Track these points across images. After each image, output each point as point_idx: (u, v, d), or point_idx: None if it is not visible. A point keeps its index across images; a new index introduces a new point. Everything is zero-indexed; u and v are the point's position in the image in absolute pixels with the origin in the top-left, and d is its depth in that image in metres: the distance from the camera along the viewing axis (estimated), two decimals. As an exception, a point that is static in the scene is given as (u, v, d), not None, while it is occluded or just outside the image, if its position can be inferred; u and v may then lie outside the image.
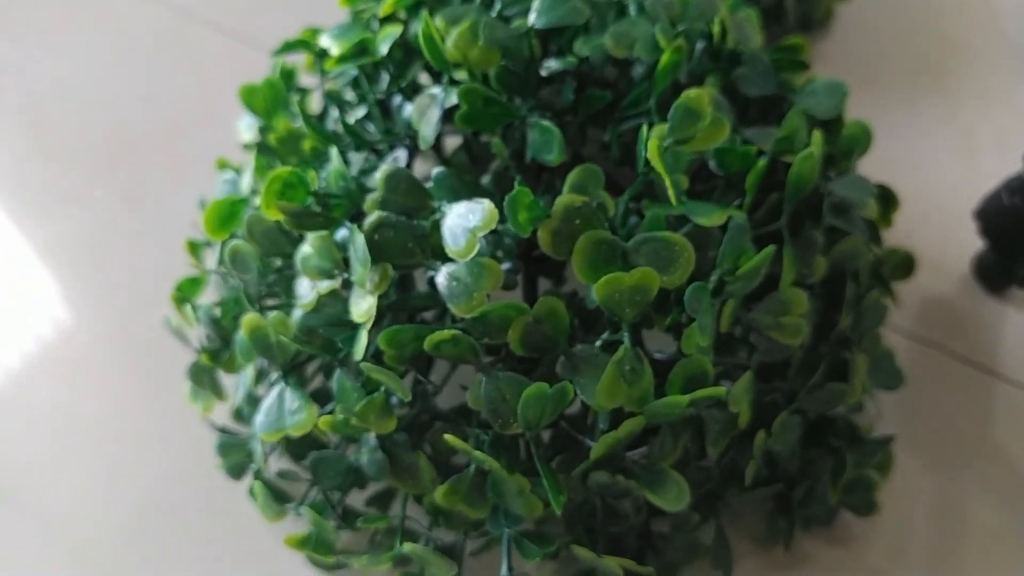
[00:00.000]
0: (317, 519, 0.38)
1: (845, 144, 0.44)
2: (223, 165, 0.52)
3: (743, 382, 0.37)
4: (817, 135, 0.39)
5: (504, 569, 0.38)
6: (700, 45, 0.43)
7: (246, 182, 0.46)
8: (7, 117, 0.66)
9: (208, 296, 0.50)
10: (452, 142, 0.47)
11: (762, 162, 0.37)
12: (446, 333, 0.33)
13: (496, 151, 0.39)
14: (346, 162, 0.42)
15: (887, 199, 0.45)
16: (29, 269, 0.58)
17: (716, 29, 0.40)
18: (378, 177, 0.36)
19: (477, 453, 0.34)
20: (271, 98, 0.48)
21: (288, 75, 0.49)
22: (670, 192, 0.34)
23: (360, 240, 0.34)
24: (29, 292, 0.57)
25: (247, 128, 0.50)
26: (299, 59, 0.51)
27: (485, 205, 0.34)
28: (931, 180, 0.60)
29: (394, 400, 0.39)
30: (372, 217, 0.35)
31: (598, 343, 0.36)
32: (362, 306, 0.35)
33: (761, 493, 0.40)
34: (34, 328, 0.55)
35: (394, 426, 0.36)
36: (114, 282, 0.57)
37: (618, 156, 0.39)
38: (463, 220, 0.34)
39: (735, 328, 0.40)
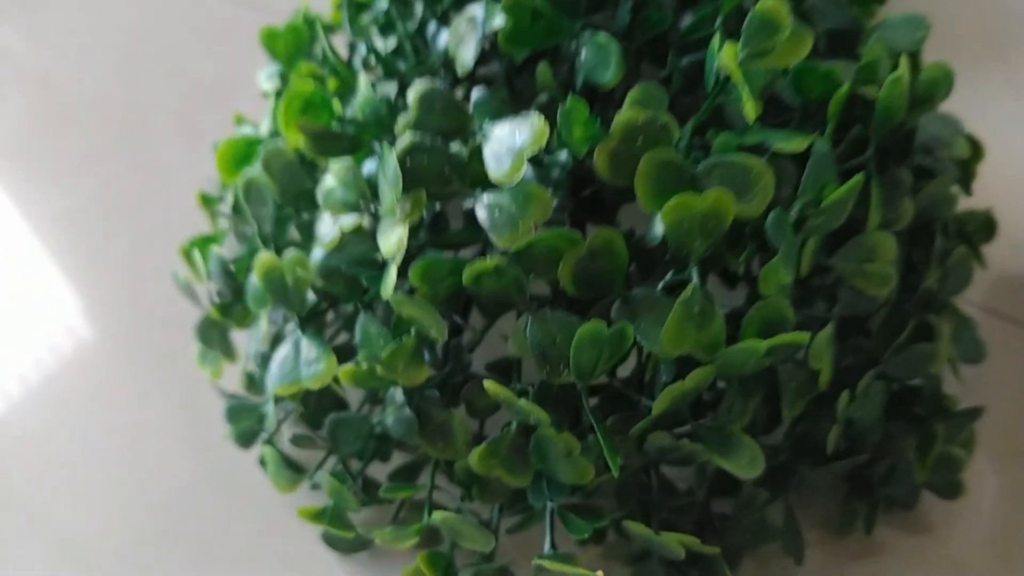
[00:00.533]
0: (336, 486, 0.33)
1: (924, 88, 0.39)
2: (240, 120, 0.47)
3: (825, 334, 0.32)
4: (904, 61, 0.34)
5: (547, 546, 0.33)
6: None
7: (264, 128, 0.41)
8: (17, 85, 0.62)
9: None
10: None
11: (846, 86, 0.32)
12: (488, 263, 0.28)
13: (541, 79, 0.34)
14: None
15: (972, 147, 0.40)
16: (32, 241, 0.53)
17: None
18: (411, 96, 0.31)
19: (521, 402, 0.29)
20: (293, 43, 0.44)
21: (312, 22, 0.45)
22: (747, 102, 0.29)
23: (391, 160, 0.30)
24: (29, 265, 0.52)
25: (267, 78, 0.46)
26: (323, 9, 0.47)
27: (533, 120, 0.29)
28: (999, 151, 0.55)
29: (426, 358, 0.34)
30: (404, 140, 0.31)
31: (660, 285, 0.31)
32: (391, 238, 0.30)
33: (840, 467, 0.35)
34: (38, 308, 0.50)
35: (425, 377, 0.31)
36: (122, 254, 0.52)
37: (680, 85, 0.35)
38: (508, 140, 0.30)
39: (812, 278, 0.35)
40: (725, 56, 0.29)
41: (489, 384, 0.29)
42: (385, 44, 0.40)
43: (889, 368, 0.35)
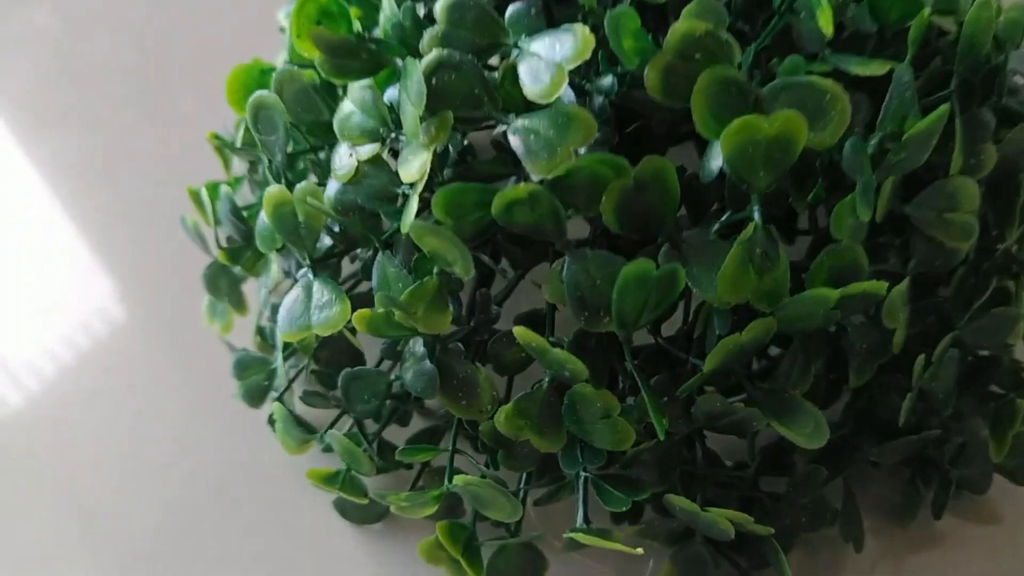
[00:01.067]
0: (348, 446, 0.30)
1: (1005, 30, 0.34)
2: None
3: (900, 288, 0.27)
4: (992, -16, 0.29)
5: (579, 518, 0.29)
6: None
7: (280, 62, 0.38)
8: (31, 39, 0.59)
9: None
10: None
11: (927, 9, 0.28)
12: (520, 190, 0.24)
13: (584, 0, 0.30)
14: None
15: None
16: (40, 193, 0.50)
17: None
18: (440, 7, 0.28)
19: (556, 352, 0.25)
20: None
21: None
22: (821, 16, 0.25)
23: (416, 74, 0.26)
24: (38, 215, 0.49)
25: (286, 16, 0.42)
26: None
27: (576, 30, 0.25)
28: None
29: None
30: (431, 55, 0.27)
31: (715, 228, 0.27)
32: (414, 164, 0.26)
33: (910, 444, 0.31)
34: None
35: (448, 323, 0.27)
36: (135, 207, 0.49)
37: (740, 5, 0.30)
38: (547, 53, 0.26)
39: (883, 232, 0.30)
40: (800, -44, 0.24)
41: (519, 331, 0.26)
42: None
43: (965, 335, 0.31)
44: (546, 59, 0.26)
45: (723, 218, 0.27)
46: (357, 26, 0.30)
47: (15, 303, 0.46)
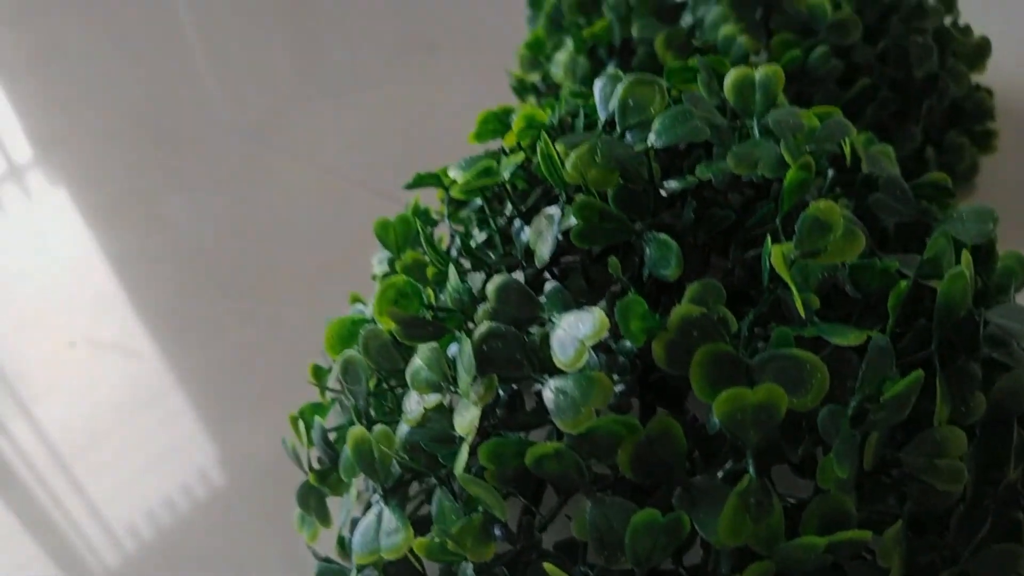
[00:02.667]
0: (406, 658, 0.33)
1: (999, 277, 0.38)
2: (356, 299, 0.51)
3: (893, 531, 0.30)
4: (966, 255, 0.33)
5: None
6: (831, 174, 0.39)
7: (371, 309, 0.44)
8: (176, 253, 0.69)
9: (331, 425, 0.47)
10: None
11: (904, 283, 0.32)
12: (548, 447, 0.29)
13: (612, 270, 0.36)
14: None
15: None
16: (177, 389, 0.57)
17: (847, 149, 0.36)
18: (490, 288, 0.33)
19: (578, 587, 0.29)
20: (403, 233, 0.48)
21: (423, 213, 0.49)
22: (797, 303, 0.29)
23: (467, 347, 0.31)
24: (172, 411, 0.56)
25: (379, 263, 0.49)
26: (434, 201, 0.50)
27: (595, 313, 0.31)
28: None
29: (498, 533, 0.35)
30: (482, 327, 0.32)
31: (720, 474, 0.31)
32: (465, 418, 0.32)
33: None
34: (174, 451, 0.53)
35: (492, 554, 0.31)
36: (247, 409, 0.55)
37: (743, 277, 0.35)
38: (573, 330, 0.31)
39: (882, 472, 0.33)
40: (774, 258, 0.29)
41: (549, 567, 0.29)
42: (479, 236, 0.42)
43: (970, 568, 0.33)
44: (571, 335, 0.31)
45: (727, 466, 0.31)
46: (429, 293, 0.36)
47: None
